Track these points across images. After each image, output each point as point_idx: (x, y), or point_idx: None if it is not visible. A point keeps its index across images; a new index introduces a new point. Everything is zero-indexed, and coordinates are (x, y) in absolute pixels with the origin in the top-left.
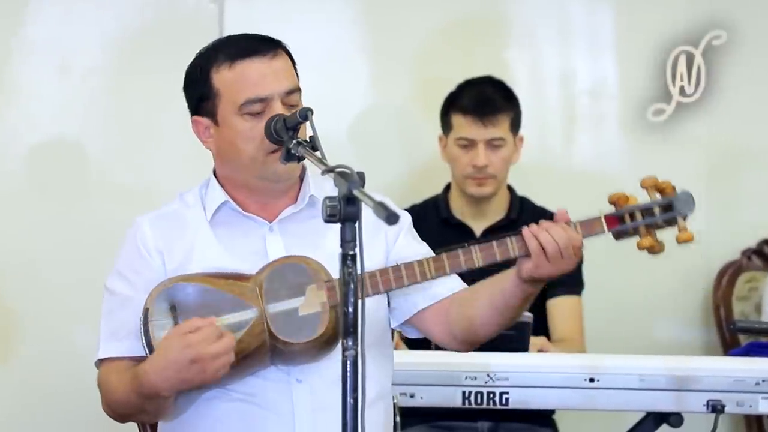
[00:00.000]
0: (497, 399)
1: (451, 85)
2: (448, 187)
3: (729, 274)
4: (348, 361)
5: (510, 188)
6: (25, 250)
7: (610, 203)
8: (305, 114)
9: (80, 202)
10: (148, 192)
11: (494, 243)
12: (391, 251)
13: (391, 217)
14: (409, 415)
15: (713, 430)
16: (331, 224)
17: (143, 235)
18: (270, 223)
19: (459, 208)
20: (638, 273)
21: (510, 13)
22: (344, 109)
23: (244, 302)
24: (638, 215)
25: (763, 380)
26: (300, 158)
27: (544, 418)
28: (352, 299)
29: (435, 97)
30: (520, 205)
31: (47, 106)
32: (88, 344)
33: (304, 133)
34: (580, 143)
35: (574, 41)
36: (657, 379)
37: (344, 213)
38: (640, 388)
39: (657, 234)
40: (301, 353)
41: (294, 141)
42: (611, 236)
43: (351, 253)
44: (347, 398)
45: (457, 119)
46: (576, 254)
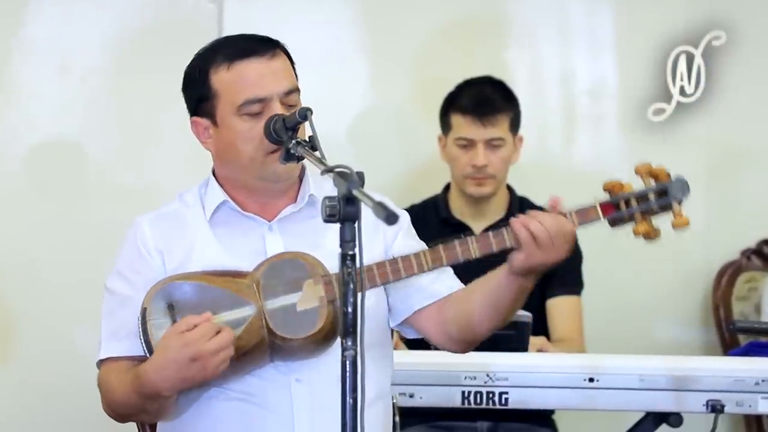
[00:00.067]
0: (497, 399)
1: (451, 85)
2: (447, 187)
3: (728, 274)
4: (347, 361)
5: (509, 188)
6: (25, 250)
7: (604, 191)
8: (304, 114)
9: (80, 202)
10: (148, 192)
11: (490, 234)
12: (390, 251)
13: (390, 217)
14: (409, 415)
15: (713, 430)
16: (330, 224)
17: (143, 235)
18: (269, 222)
19: (458, 208)
20: (638, 273)
21: (510, 13)
22: (343, 109)
23: (242, 299)
24: (633, 202)
25: (763, 380)
26: (299, 158)
27: (544, 418)
28: (351, 299)
29: (434, 97)
30: (520, 205)
31: (47, 106)
32: (88, 344)
33: (303, 133)
34: (579, 143)
35: (574, 41)
36: (656, 379)
37: (343, 213)
38: (639, 388)
39: (653, 220)
40: (300, 349)
41: (293, 141)
42: (607, 223)
43: (350, 253)
44: (346, 398)
45: (456, 119)
46: (567, 241)
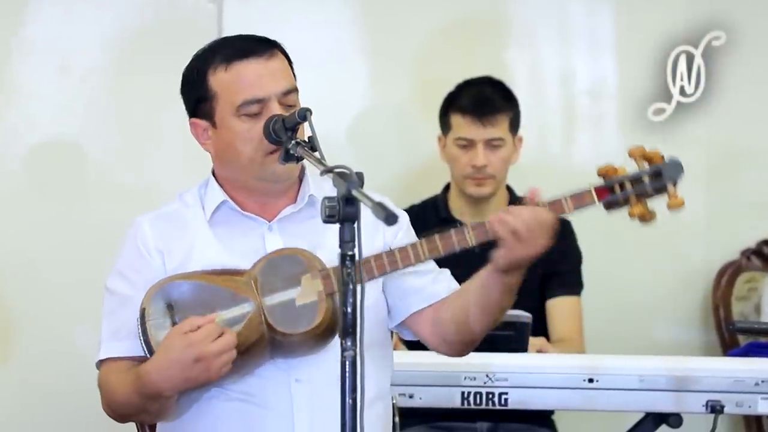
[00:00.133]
0: (496, 399)
1: (451, 85)
2: (447, 188)
3: (728, 275)
4: (347, 362)
5: (509, 188)
6: (24, 250)
7: (599, 176)
8: (304, 114)
9: (80, 202)
10: (147, 192)
11: (486, 222)
12: None
13: (389, 218)
14: (409, 416)
15: (712, 430)
16: (330, 224)
17: (143, 235)
18: (269, 222)
19: (458, 208)
20: (638, 273)
21: (510, 13)
22: (343, 109)
23: (241, 296)
24: (628, 185)
25: (763, 381)
26: (299, 158)
27: (544, 418)
28: (351, 299)
29: (434, 97)
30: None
31: (47, 106)
32: (88, 344)
33: (302, 133)
34: (579, 143)
35: (574, 41)
36: (656, 380)
37: (343, 213)
38: (639, 388)
39: (648, 203)
40: (301, 344)
41: (293, 141)
42: (602, 207)
43: (350, 253)
44: (346, 398)
45: (456, 119)
46: (547, 231)
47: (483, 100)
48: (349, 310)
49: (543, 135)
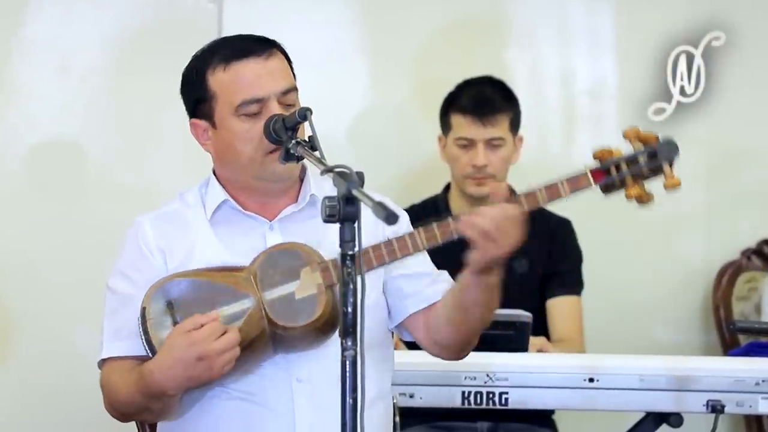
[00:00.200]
0: (497, 399)
1: (451, 85)
2: (447, 187)
3: (729, 274)
4: (347, 361)
5: (510, 188)
6: (24, 250)
7: (594, 159)
8: (304, 114)
9: (80, 202)
10: (147, 192)
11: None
12: None
13: (390, 217)
14: (409, 416)
15: (713, 430)
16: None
17: (144, 234)
18: (270, 222)
19: (459, 208)
20: (638, 273)
21: (510, 13)
22: (343, 109)
23: (240, 292)
24: (623, 166)
25: (763, 380)
26: (299, 158)
27: (544, 418)
28: (351, 299)
29: (434, 97)
30: None
31: (47, 106)
32: (88, 344)
33: (303, 133)
34: (579, 143)
35: (574, 41)
36: (657, 379)
37: (343, 213)
38: (639, 388)
39: (645, 185)
40: (302, 338)
41: (293, 141)
42: (599, 190)
43: (350, 253)
44: (346, 398)
45: (456, 119)
46: (516, 226)
47: (483, 99)
48: (350, 310)
49: (543, 135)
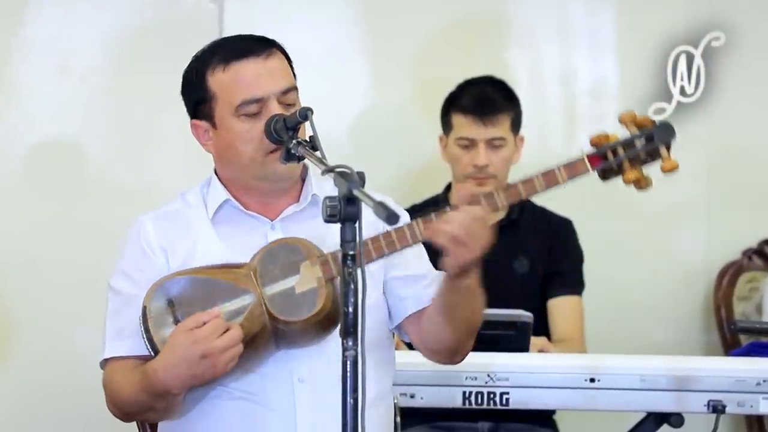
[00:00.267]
0: (497, 399)
1: (451, 85)
2: (448, 187)
3: (730, 274)
4: (348, 361)
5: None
6: (24, 250)
7: (591, 144)
8: (305, 114)
9: (80, 202)
10: (148, 192)
11: (481, 196)
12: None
13: (391, 217)
14: (410, 416)
15: (714, 430)
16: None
17: (146, 234)
18: (272, 221)
19: None
20: (639, 273)
21: (510, 13)
22: (344, 109)
23: (241, 288)
24: (620, 150)
25: (764, 380)
26: (300, 158)
27: (545, 418)
28: (351, 299)
29: (435, 97)
30: (521, 206)
31: (47, 106)
32: (88, 344)
33: (303, 133)
34: (580, 143)
35: (574, 41)
36: (658, 380)
37: (344, 213)
38: (640, 388)
39: (643, 169)
40: (304, 333)
41: (294, 141)
42: (597, 176)
43: (351, 253)
44: (347, 398)
45: (457, 119)
46: (484, 227)
47: (484, 99)
48: (350, 309)
49: (544, 135)
